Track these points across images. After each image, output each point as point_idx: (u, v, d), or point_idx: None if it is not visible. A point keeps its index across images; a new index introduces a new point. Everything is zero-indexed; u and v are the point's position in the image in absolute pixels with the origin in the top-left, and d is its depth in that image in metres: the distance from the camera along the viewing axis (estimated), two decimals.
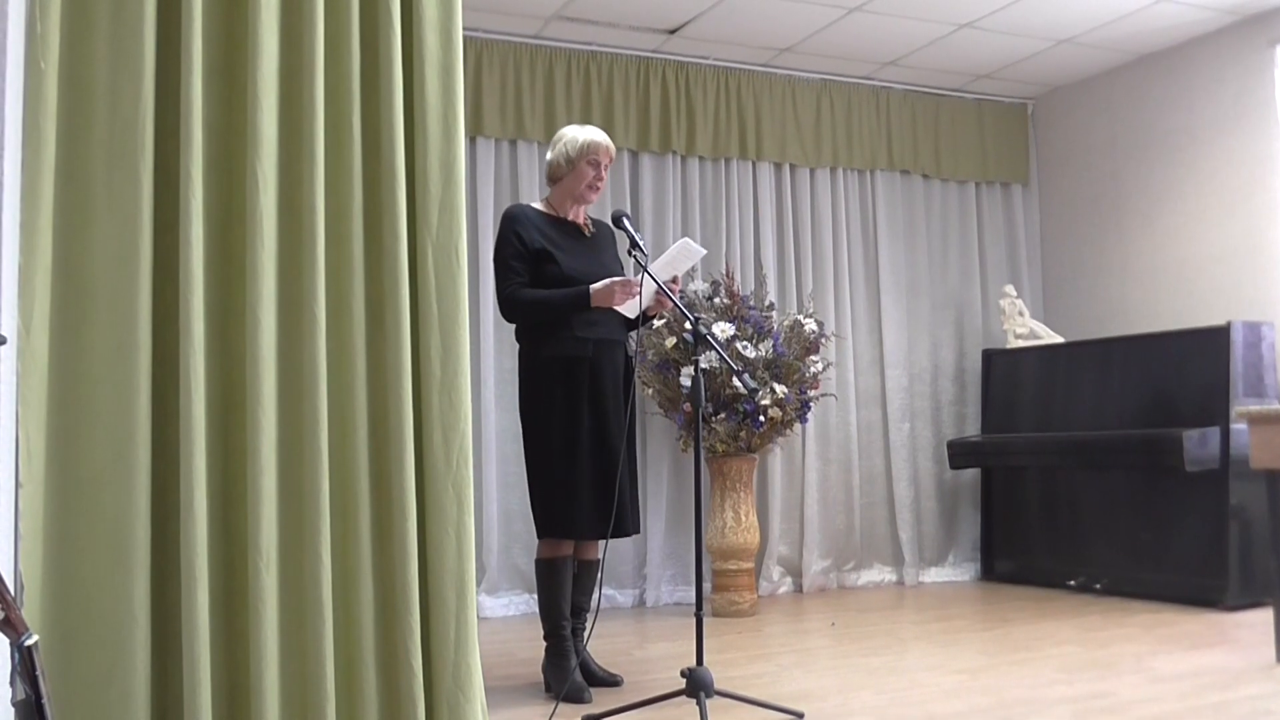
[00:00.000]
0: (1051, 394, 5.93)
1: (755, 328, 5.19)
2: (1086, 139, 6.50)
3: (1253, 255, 5.55)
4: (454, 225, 2.71)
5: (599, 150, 3.74)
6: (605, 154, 3.76)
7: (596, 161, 3.74)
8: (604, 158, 3.76)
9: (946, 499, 6.39)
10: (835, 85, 6.27)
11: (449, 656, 2.61)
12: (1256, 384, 5.10)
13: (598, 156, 3.74)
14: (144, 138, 2.42)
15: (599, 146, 3.75)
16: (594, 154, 3.73)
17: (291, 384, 2.54)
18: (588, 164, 3.73)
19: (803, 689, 3.62)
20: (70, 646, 2.32)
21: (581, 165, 3.73)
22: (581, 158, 3.73)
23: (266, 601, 2.44)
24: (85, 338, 2.39)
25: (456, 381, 2.67)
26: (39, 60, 2.32)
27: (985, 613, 5.20)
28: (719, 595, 5.20)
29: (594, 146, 3.74)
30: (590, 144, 3.74)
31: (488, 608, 5.21)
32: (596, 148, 3.74)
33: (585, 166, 3.73)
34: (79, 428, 2.37)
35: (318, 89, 2.57)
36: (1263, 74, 5.52)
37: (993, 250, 6.68)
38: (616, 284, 3.55)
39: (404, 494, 2.59)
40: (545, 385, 3.64)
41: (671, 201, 5.82)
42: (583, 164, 3.73)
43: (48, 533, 2.32)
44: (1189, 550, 5.14)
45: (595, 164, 3.74)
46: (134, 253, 2.39)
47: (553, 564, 3.66)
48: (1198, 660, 3.92)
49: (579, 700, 3.45)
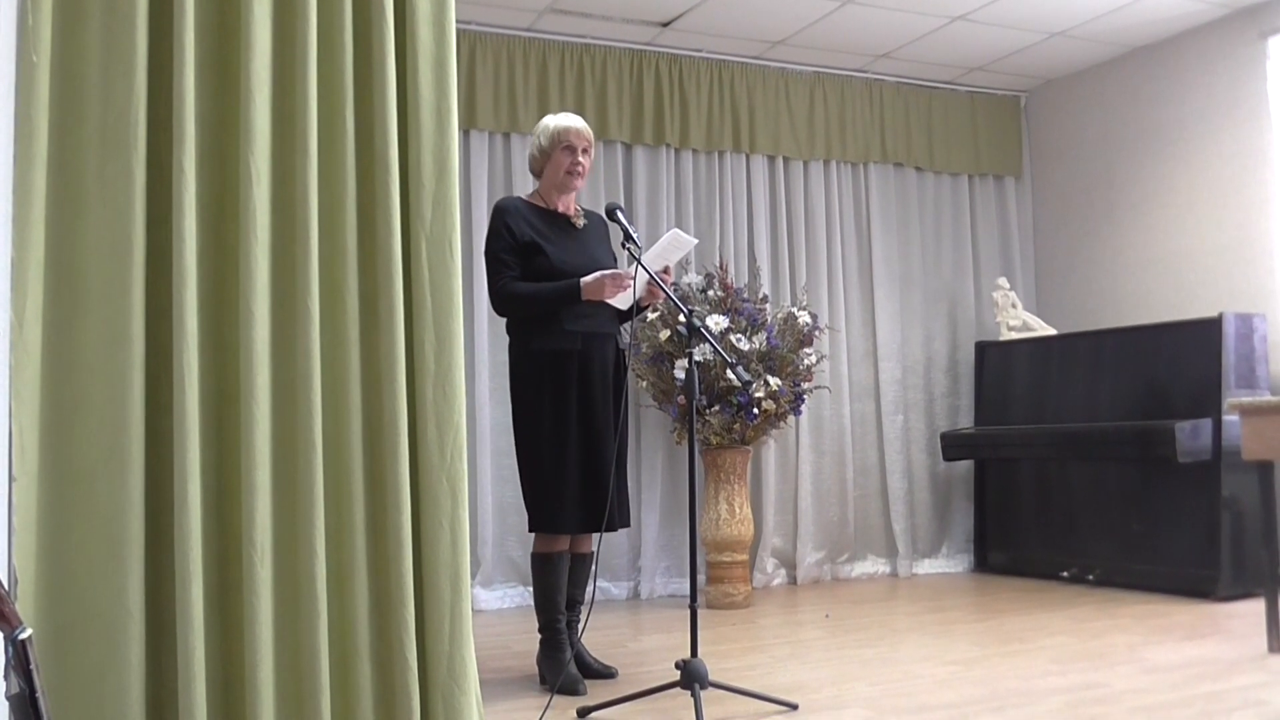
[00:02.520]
0: (1044, 386, 5.95)
1: (749, 320, 5.19)
2: (1079, 132, 6.51)
3: (1244, 247, 5.57)
4: (448, 218, 2.70)
5: (570, 134, 3.68)
6: (578, 137, 3.69)
7: (571, 146, 3.68)
8: (578, 141, 3.69)
9: (940, 491, 6.41)
10: (828, 78, 6.27)
11: (444, 649, 2.61)
12: (1248, 375, 5.12)
13: (570, 140, 3.68)
14: (136, 131, 2.40)
15: (570, 130, 3.69)
16: (565, 139, 3.68)
17: (285, 377, 2.53)
18: (563, 150, 3.68)
19: (797, 680, 3.63)
20: (64, 640, 2.31)
21: (557, 153, 3.69)
22: (555, 145, 3.69)
23: (261, 594, 2.43)
24: (78, 331, 2.38)
25: (451, 374, 2.67)
26: (31, 53, 2.31)
27: (978, 604, 5.22)
28: (713, 587, 5.21)
29: (564, 132, 3.68)
30: (560, 130, 3.69)
31: (482, 600, 5.22)
32: (567, 133, 3.68)
33: (561, 154, 3.69)
34: (72, 421, 2.36)
35: (311, 82, 2.56)
36: (1254, 66, 5.53)
37: (986, 242, 6.70)
38: (607, 277, 3.53)
39: (398, 487, 2.58)
40: (534, 379, 3.62)
41: (665, 194, 5.82)
42: (557, 151, 3.69)
43: (41, 526, 2.31)
44: (1181, 541, 5.16)
45: (570, 149, 3.68)
46: (127, 246, 2.38)
47: (548, 558, 3.66)
48: (1190, 651, 3.94)
49: (574, 692, 3.46)
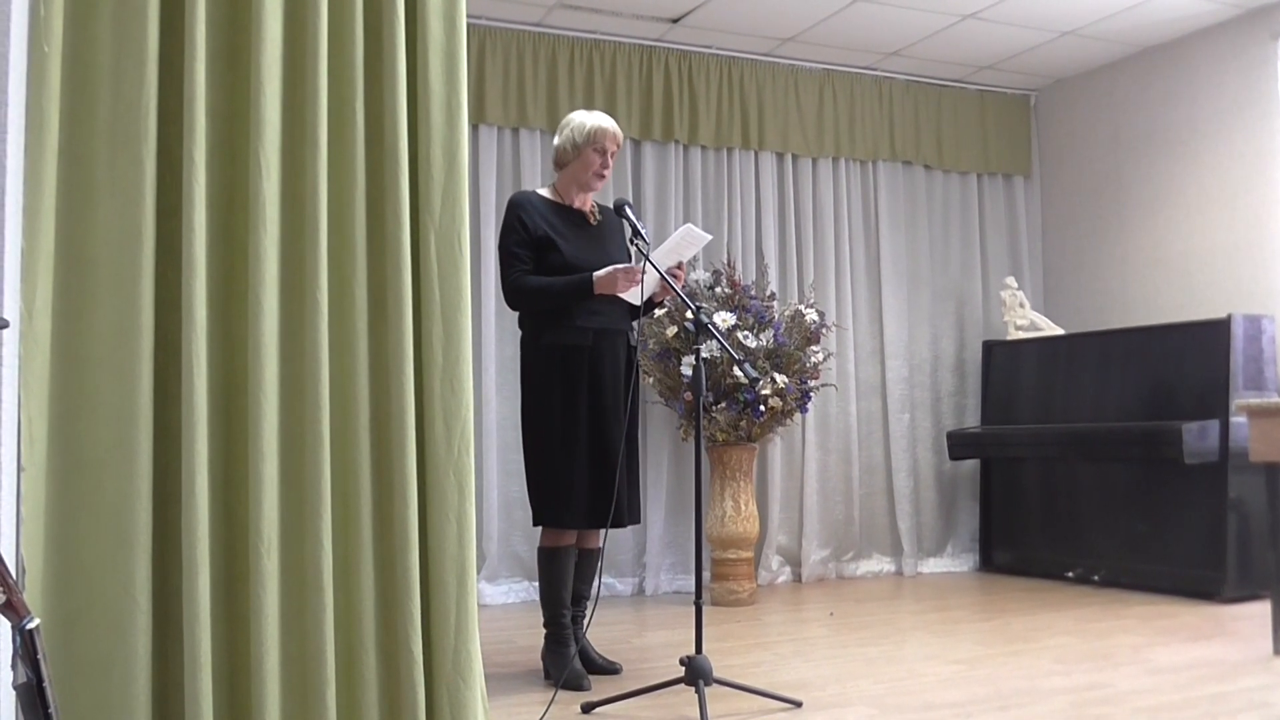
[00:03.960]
0: (1051, 386, 5.94)
1: (756, 317, 5.19)
2: (1088, 131, 6.49)
3: (1253, 248, 5.55)
4: (457, 212, 2.70)
5: (606, 137, 3.67)
6: (613, 140, 3.68)
7: (603, 149, 3.67)
8: (611, 145, 3.68)
9: (945, 490, 6.40)
10: (838, 75, 6.26)
11: (449, 643, 2.61)
12: (1256, 377, 5.11)
13: (604, 143, 3.66)
14: (147, 122, 2.40)
15: (606, 133, 3.67)
16: (600, 141, 3.66)
17: (293, 369, 2.53)
18: (594, 151, 3.66)
19: (801, 678, 3.63)
20: (71, 630, 2.32)
21: (588, 152, 3.67)
22: (588, 144, 3.66)
23: (267, 586, 2.43)
24: (88, 322, 2.39)
25: (458, 369, 2.67)
26: (42, 43, 2.31)
27: (983, 603, 5.21)
28: (718, 584, 5.21)
29: (601, 133, 3.66)
30: (598, 130, 3.66)
31: (488, 595, 5.23)
32: (604, 134, 3.66)
33: (592, 154, 3.67)
34: (81, 412, 2.37)
35: (321, 75, 2.55)
36: (1265, 67, 5.52)
37: (994, 241, 6.69)
38: (619, 271, 3.52)
39: (405, 481, 2.58)
40: (544, 373, 3.62)
41: (673, 190, 5.82)
42: (589, 151, 3.67)
43: (49, 516, 2.31)
44: (1187, 542, 5.15)
45: (602, 151, 3.67)
46: (137, 237, 2.38)
47: (555, 553, 3.66)
48: (1195, 652, 3.93)
49: (578, 688, 3.47)
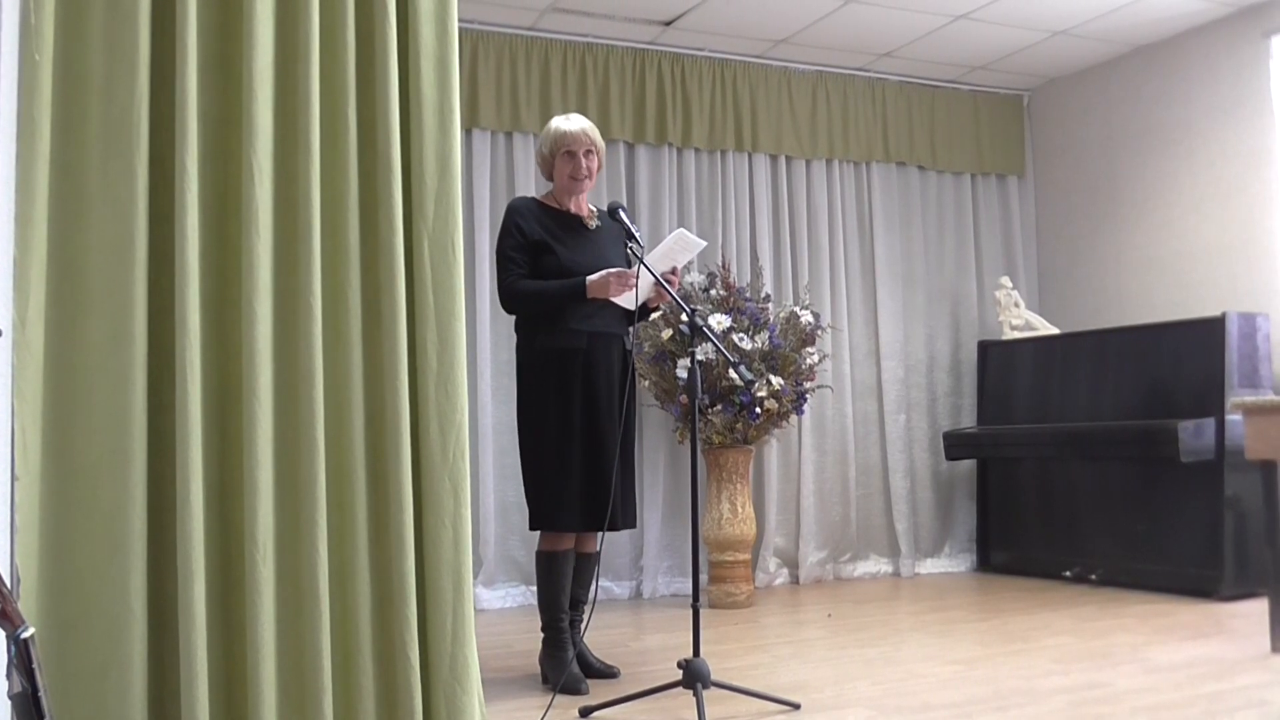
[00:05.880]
0: (1047, 385, 5.94)
1: (751, 319, 5.19)
2: (1082, 130, 6.50)
3: (1248, 247, 5.56)
4: (450, 217, 2.70)
5: (567, 140, 3.67)
6: (577, 142, 3.68)
7: (571, 152, 3.67)
8: (576, 147, 3.67)
9: (942, 490, 6.40)
10: (831, 77, 6.27)
11: (446, 648, 2.61)
12: (1251, 375, 5.12)
13: (569, 147, 3.67)
14: (139, 129, 2.41)
15: (567, 136, 3.67)
16: (565, 145, 3.68)
17: (288, 376, 2.53)
18: (563, 156, 3.68)
19: (799, 680, 3.63)
20: (67, 638, 2.32)
21: (558, 159, 3.70)
22: (556, 152, 3.70)
23: (263, 593, 2.43)
24: (81, 329, 2.39)
25: (453, 374, 2.67)
26: (33, 52, 2.31)
27: (981, 604, 5.21)
28: (715, 587, 5.21)
29: (563, 138, 3.68)
30: (559, 136, 3.69)
31: (484, 600, 5.22)
32: (566, 138, 3.67)
33: (561, 160, 3.69)
34: (75, 420, 2.37)
35: (313, 81, 2.56)
36: (1258, 65, 5.52)
37: (988, 242, 6.69)
38: (612, 275, 3.52)
39: (400, 486, 2.59)
40: (538, 377, 3.63)
41: (667, 193, 5.82)
42: (558, 158, 3.70)
43: (44, 525, 2.31)
44: (1184, 541, 5.15)
45: (570, 154, 3.67)
46: (129, 244, 2.39)
47: (553, 557, 3.66)
48: (1193, 650, 3.94)
49: (576, 692, 3.46)
